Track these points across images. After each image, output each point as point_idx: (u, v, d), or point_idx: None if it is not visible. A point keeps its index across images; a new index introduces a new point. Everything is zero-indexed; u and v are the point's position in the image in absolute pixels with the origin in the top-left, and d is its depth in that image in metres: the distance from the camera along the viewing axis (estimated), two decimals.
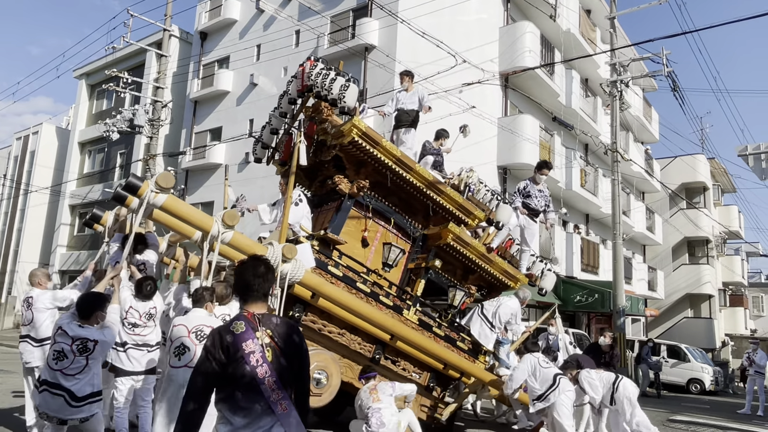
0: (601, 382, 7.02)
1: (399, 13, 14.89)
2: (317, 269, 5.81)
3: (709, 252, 30.71)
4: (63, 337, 4.21)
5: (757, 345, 14.03)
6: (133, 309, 5.41)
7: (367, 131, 6.12)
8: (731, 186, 36.01)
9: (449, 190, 6.92)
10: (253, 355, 2.51)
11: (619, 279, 16.26)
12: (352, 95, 5.92)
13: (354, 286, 6.17)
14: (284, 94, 6.82)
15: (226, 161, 20.59)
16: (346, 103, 5.92)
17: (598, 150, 20.30)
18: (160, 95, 18.35)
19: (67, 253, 26.25)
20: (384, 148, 6.28)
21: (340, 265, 6.17)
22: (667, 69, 16.32)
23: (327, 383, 5.88)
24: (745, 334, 33.03)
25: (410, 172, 6.53)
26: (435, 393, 7.11)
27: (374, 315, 6.14)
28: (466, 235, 7.03)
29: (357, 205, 6.63)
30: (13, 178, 30.06)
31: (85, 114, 27.99)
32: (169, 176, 4.71)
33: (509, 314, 7.58)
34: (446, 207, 6.92)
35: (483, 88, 16.74)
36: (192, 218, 4.90)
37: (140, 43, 21.22)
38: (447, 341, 6.99)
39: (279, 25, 19.64)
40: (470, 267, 7.30)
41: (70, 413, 4.20)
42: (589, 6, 23.80)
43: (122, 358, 5.42)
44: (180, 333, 4.68)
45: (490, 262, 7.33)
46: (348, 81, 5.96)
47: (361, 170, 6.51)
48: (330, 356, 6.06)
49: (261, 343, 2.55)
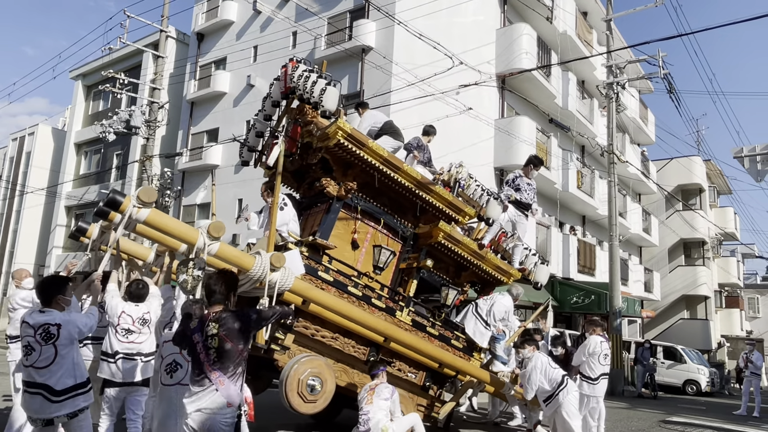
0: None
1: (396, 14, 14.90)
2: (307, 275, 5.82)
3: (705, 253, 30.80)
4: (26, 328, 3.86)
5: (753, 346, 14.07)
6: (125, 314, 5.06)
7: (353, 133, 6.06)
8: (727, 188, 36.15)
9: (438, 188, 6.85)
10: (198, 345, 3.60)
11: (615, 280, 16.29)
12: (331, 98, 5.83)
13: (345, 290, 6.17)
14: (267, 97, 6.78)
15: (223, 163, 20.57)
16: (325, 107, 5.82)
17: (594, 152, 20.37)
18: (157, 96, 18.32)
19: (63, 255, 26.15)
20: (370, 149, 6.22)
21: (331, 269, 6.15)
22: (663, 71, 16.39)
23: (321, 389, 5.85)
24: (740, 335, 33.14)
25: (398, 171, 6.47)
26: (431, 392, 7.10)
27: (366, 319, 6.11)
28: (456, 232, 7.00)
29: (346, 207, 6.57)
30: (8, 179, 29.96)
31: (82, 115, 27.92)
32: (151, 191, 4.66)
33: (503, 311, 7.60)
34: (436, 205, 6.87)
35: (480, 90, 16.77)
36: (177, 232, 4.86)
37: (137, 44, 21.19)
38: (441, 340, 6.99)
39: (276, 27, 19.63)
40: (463, 264, 7.31)
41: (52, 410, 3.84)
42: (585, 8, 23.87)
43: (112, 369, 5.03)
44: (172, 349, 4.59)
45: (481, 259, 7.31)
46: (328, 84, 5.86)
47: (349, 172, 6.44)
48: (324, 362, 6.01)
49: (207, 335, 3.57)
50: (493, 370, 7.66)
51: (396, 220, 6.98)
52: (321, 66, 6.46)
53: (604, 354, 7.42)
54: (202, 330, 3.63)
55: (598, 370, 7.37)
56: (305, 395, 5.75)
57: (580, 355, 7.55)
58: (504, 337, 7.97)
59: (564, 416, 6.50)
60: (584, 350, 7.49)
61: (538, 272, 8.29)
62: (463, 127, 16.57)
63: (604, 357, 7.40)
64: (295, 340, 5.96)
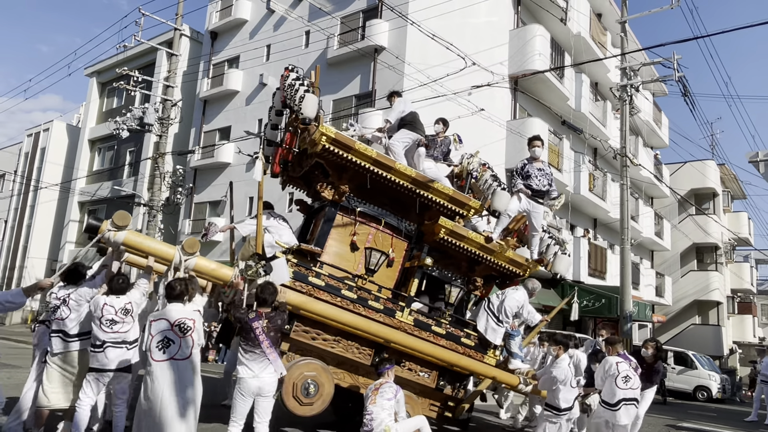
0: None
1: (409, 14, 14.89)
2: (297, 282, 5.98)
3: (717, 259, 30.48)
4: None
5: (764, 353, 13.90)
6: (107, 305, 5.29)
7: (337, 137, 6.11)
8: (741, 192, 35.72)
9: (437, 184, 6.71)
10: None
11: (626, 284, 16.16)
12: (310, 105, 5.97)
13: (338, 294, 6.21)
14: (272, 107, 6.94)
15: (234, 161, 20.67)
16: (304, 114, 5.96)
17: (607, 154, 20.24)
18: (170, 94, 18.44)
19: (75, 249, 26.42)
20: (358, 152, 6.24)
21: (322, 274, 6.22)
22: (677, 74, 16.21)
23: (318, 392, 6.00)
24: (753, 342, 32.75)
25: (390, 171, 6.43)
26: (446, 391, 6.97)
27: (357, 322, 6.16)
28: (460, 227, 6.80)
29: (343, 210, 6.63)
30: (23, 174, 30.29)
31: (96, 112, 28.18)
32: (124, 215, 5.34)
33: (515, 306, 7.15)
34: (437, 201, 6.75)
35: (492, 91, 16.70)
36: (154, 251, 5.44)
37: (151, 42, 21.33)
38: (450, 339, 6.82)
39: (289, 26, 19.70)
40: (475, 259, 7.06)
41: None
42: (600, 10, 23.72)
43: (99, 358, 5.29)
44: (162, 327, 4.88)
45: (491, 252, 6.99)
46: (306, 91, 6.02)
47: (343, 175, 6.48)
48: (320, 365, 6.13)
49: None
50: (510, 368, 7.37)
51: (399, 219, 6.93)
52: (315, 72, 6.55)
53: (623, 377, 6.58)
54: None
55: (619, 395, 6.54)
56: (300, 398, 5.92)
57: (598, 377, 6.90)
58: (519, 333, 7.56)
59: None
60: (600, 372, 6.84)
61: (557, 262, 7.54)
62: (474, 128, 16.50)
63: (623, 380, 6.56)
64: (295, 344, 6.16)
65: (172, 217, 21.48)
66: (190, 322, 4.94)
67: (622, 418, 6.53)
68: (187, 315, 4.95)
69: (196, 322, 4.97)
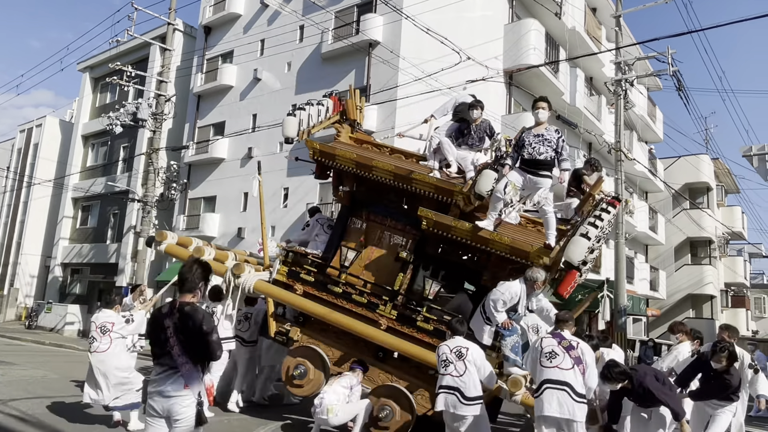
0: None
1: (403, 9, 14.85)
2: (290, 279, 7.25)
3: (711, 253, 30.61)
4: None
5: (755, 346, 13.99)
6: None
7: (321, 147, 7.21)
8: (735, 187, 35.88)
9: (420, 175, 6.80)
10: (168, 329, 3.67)
11: (621, 278, 16.22)
12: (288, 127, 7.30)
13: (324, 289, 7.08)
14: None
15: (229, 156, 20.60)
16: (285, 134, 7.34)
17: (601, 149, 20.22)
18: (164, 89, 18.34)
19: (69, 246, 26.31)
20: (342, 157, 7.08)
21: (312, 271, 7.18)
22: (672, 68, 16.24)
23: (306, 376, 6.77)
24: (746, 335, 32.95)
25: (372, 170, 6.97)
26: None
27: (326, 313, 6.88)
28: (443, 216, 6.52)
29: (354, 212, 7.36)
30: (16, 170, 30.09)
31: (89, 107, 28.00)
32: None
33: (501, 299, 5.97)
34: (425, 193, 6.80)
35: (487, 86, 16.66)
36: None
37: (144, 36, 21.20)
38: (437, 336, 6.47)
39: (283, 20, 19.60)
40: (483, 250, 6.44)
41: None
42: (594, 4, 23.70)
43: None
44: (90, 327, 6.44)
45: (485, 241, 6.29)
46: (288, 114, 7.35)
47: (346, 180, 7.38)
48: (312, 352, 6.90)
49: (172, 323, 3.67)
50: (507, 373, 6.08)
51: (405, 215, 7.17)
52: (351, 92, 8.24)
53: (547, 353, 5.21)
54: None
55: (542, 375, 5.18)
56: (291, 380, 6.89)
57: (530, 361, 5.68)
58: (512, 332, 6.04)
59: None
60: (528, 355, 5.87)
61: (570, 247, 5.93)
62: None
63: (547, 357, 5.18)
64: (308, 333, 7.17)
65: (167, 212, 21.40)
66: (111, 325, 6.43)
67: (546, 407, 4.95)
68: (111, 320, 6.41)
69: None
